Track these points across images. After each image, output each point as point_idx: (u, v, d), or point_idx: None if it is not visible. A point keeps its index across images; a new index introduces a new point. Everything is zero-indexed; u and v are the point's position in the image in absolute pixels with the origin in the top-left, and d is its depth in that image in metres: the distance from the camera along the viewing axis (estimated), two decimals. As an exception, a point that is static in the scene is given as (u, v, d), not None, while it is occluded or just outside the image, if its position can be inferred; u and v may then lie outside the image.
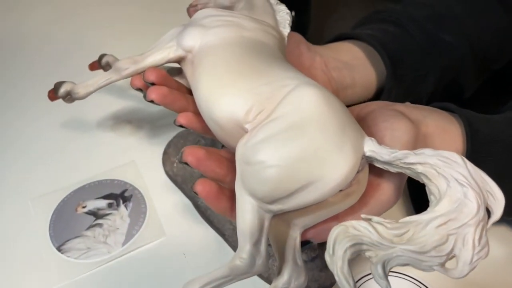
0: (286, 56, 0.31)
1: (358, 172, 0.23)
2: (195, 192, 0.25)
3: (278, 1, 0.36)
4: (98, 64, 0.38)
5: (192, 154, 0.25)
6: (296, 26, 0.36)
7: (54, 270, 0.32)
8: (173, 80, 0.31)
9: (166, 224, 0.35)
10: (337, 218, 0.24)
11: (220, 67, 0.27)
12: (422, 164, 0.22)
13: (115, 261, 0.33)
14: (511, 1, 0.41)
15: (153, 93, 0.29)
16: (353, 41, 0.39)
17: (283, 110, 0.23)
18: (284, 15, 0.34)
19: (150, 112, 0.44)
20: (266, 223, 0.23)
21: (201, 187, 0.25)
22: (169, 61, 0.31)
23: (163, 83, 0.30)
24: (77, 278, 0.32)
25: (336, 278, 0.21)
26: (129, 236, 0.34)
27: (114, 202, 0.36)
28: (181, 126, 0.29)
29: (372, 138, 0.23)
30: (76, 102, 0.33)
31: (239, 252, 0.23)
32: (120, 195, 0.37)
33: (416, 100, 0.39)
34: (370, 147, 0.23)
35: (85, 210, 0.36)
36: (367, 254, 0.21)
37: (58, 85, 0.33)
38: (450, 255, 0.20)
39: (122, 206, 0.36)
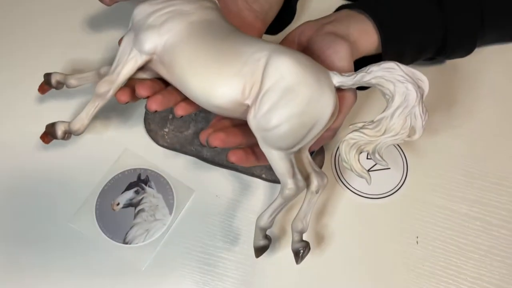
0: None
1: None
2: (231, 162, 0.34)
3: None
4: (47, 85, 0.40)
5: (217, 139, 0.33)
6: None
7: (134, 258, 0.41)
8: (154, 83, 0.36)
9: (188, 182, 0.44)
10: (328, 129, 0.35)
11: (196, 62, 0.33)
12: (374, 78, 0.32)
13: (172, 228, 0.42)
14: None
15: (153, 104, 0.34)
16: None
17: (271, 81, 0.31)
18: None
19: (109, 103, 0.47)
20: (293, 160, 0.33)
21: (234, 157, 0.34)
22: (138, 68, 0.35)
23: (153, 92, 0.34)
24: (154, 254, 0.41)
25: (356, 174, 0.32)
26: (169, 205, 0.42)
27: (138, 188, 0.43)
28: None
29: (334, 72, 0.33)
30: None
31: (285, 185, 0.33)
32: (139, 180, 0.43)
33: None
34: (337, 80, 0.33)
35: (121, 206, 0.42)
36: (365, 149, 0.32)
37: (51, 130, 0.36)
38: (411, 128, 0.32)
39: (147, 188, 0.43)
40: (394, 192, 0.43)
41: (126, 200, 0.43)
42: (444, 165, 0.45)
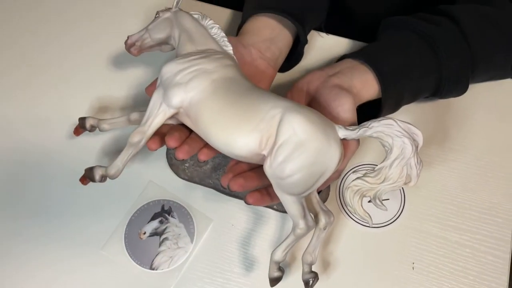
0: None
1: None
2: (248, 203, 0.38)
3: (201, 14, 0.44)
4: (82, 129, 0.45)
5: (237, 184, 0.38)
6: None
7: (160, 283, 0.45)
8: (181, 133, 0.40)
9: (207, 212, 0.48)
10: (334, 172, 0.39)
11: (219, 117, 0.37)
12: (375, 132, 0.36)
13: (193, 255, 0.47)
14: None
15: (180, 154, 0.39)
16: (261, 15, 0.48)
17: (284, 136, 0.36)
18: (216, 31, 0.43)
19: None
20: (304, 203, 0.38)
21: (252, 200, 0.38)
22: (166, 119, 0.40)
23: (180, 142, 0.39)
24: (177, 279, 0.46)
25: (358, 217, 0.37)
26: (190, 234, 0.47)
27: (162, 218, 0.48)
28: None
29: (340, 126, 0.37)
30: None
31: (297, 225, 0.38)
32: (162, 211, 0.48)
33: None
34: (342, 133, 0.37)
35: (147, 234, 0.47)
36: (367, 195, 0.37)
37: (90, 175, 0.41)
38: (407, 176, 0.36)
39: (170, 218, 0.48)
40: (393, 221, 0.48)
41: (152, 229, 0.47)
42: (438, 196, 0.49)
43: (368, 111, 0.45)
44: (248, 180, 0.39)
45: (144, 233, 0.47)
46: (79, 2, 0.60)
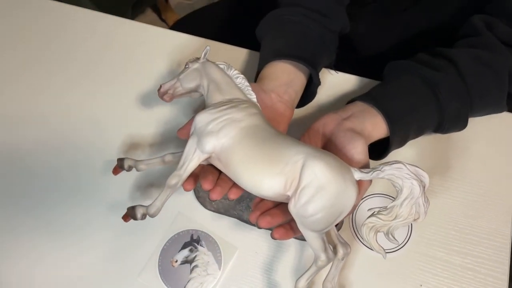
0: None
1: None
2: (274, 238, 0.43)
3: (227, 64, 0.49)
4: (120, 168, 0.50)
5: (265, 221, 0.43)
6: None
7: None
8: (214, 175, 0.45)
9: (232, 241, 0.53)
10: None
11: (248, 162, 0.42)
12: (386, 175, 0.41)
13: (221, 281, 0.51)
14: None
15: (214, 195, 0.44)
16: (278, 61, 0.53)
17: (307, 180, 0.41)
18: (241, 81, 0.48)
19: (161, 172, 0.56)
20: (325, 238, 0.43)
21: (278, 235, 0.43)
22: (199, 163, 0.45)
23: (213, 184, 0.44)
24: (207, 302, 0.51)
25: (374, 251, 0.42)
26: (218, 261, 0.52)
27: (192, 247, 0.53)
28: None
29: (355, 168, 0.42)
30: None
31: (318, 258, 0.42)
32: (192, 240, 0.53)
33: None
34: (357, 175, 0.42)
35: (179, 262, 0.52)
36: (381, 230, 0.42)
37: (132, 213, 0.45)
38: (416, 213, 0.41)
39: (199, 246, 0.53)
40: (401, 247, 0.53)
41: (183, 257, 0.52)
42: (442, 223, 0.54)
43: (377, 146, 0.50)
44: (274, 217, 0.43)
45: (176, 261, 0.52)
46: (109, 45, 0.65)
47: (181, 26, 1.03)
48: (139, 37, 0.66)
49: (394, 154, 0.51)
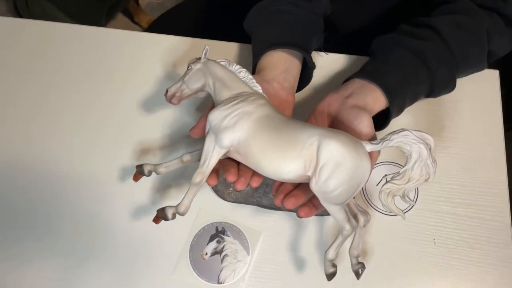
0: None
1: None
2: (300, 217, 0.46)
3: (227, 61, 0.51)
4: (140, 175, 0.52)
5: (290, 203, 0.45)
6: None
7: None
8: (235, 168, 0.47)
9: (255, 226, 0.56)
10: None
11: (266, 150, 0.45)
12: (395, 143, 0.45)
13: (252, 265, 0.54)
14: None
15: (239, 185, 0.46)
16: (273, 51, 0.56)
17: (324, 159, 0.44)
18: (244, 75, 0.50)
19: (179, 173, 0.58)
20: (347, 209, 0.46)
21: (303, 213, 0.46)
22: (219, 159, 0.47)
23: (236, 175, 0.46)
24: (244, 287, 0.53)
25: (393, 214, 0.46)
26: (246, 247, 0.55)
27: (219, 238, 0.55)
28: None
29: (366, 142, 0.45)
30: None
31: (343, 228, 0.46)
32: (217, 232, 0.56)
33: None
34: (369, 148, 0.45)
35: (209, 255, 0.54)
36: (397, 194, 0.45)
37: (163, 215, 0.47)
38: (426, 174, 0.45)
39: (225, 237, 0.55)
40: (411, 207, 0.57)
41: (212, 249, 0.55)
42: (444, 179, 0.59)
43: (378, 117, 0.53)
44: (297, 198, 0.46)
45: (206, 253, 0.55)
46: (100, 57, 0.66)
47: (157, 27, 1.03)
48: (128, 45, 0.67)
49: (394, 122, 0.55)
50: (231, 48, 0.67)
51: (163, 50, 0.66)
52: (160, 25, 1.03)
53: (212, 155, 0.46)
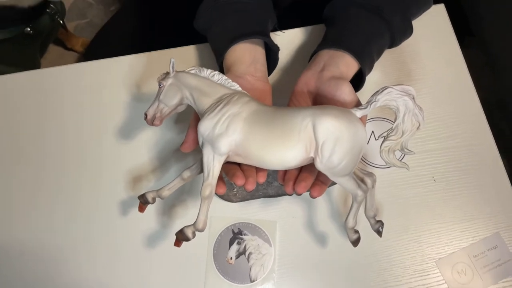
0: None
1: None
2: (313, 197, 0.48)
3: (197, 68, 0.50)
4: (145, 204, 0.51)
5: (302, 187, 0.47)
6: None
7: (267, 286, 0.55)
8: (240, 171, 0.48)
9: (268, 217, 0.57)
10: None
11: (265, 144, 0.45)
12: (381, 102, 0.46)
13: (277, 254, 0.55)
14: None
15: (249, 186, 0.46)
16: (235, 45, 0.55)
17: (322, 136, 0.45)
18: (218, 77, 0.50)
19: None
20: (354, 176, 0.47)
21: (316, 193, 0.48)
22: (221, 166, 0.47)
23: (243, 177, 0.47)
24: (276, 277, 0.55)
25: (398, 167, 0.47)
26: (266, 240, 0.56)
27: (238, 240, 0.56)
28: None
29: (354, 109, 0.47)
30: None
31: (356, 193, 0.47)
32: (234, 234, 0.56)
33: None
34: (359, 114, 0.47)
35: (234, 258, 0.55)
36: (396, 149, 0.47)
37: (183, 237, 0.47)
38: (416, 123, 0.47)
39: (244, 236, 0.56)
40: (403, 156, 0.60)
41: (235, 252, 0.55)
42: (425, 119, 0.61)
43: (352, 80, 0.55)
44: (306, 181, 0.47)
45: (231, 258, 0.55)
46: (58, 98, 0.63)
47: (96, 48, 0.99)
48: (81, 78, 0.65)
49: (367, 82, 0.57)
50: (185, 52, 0.65)
51: (120, 73, 0.64)
52: (99, 45, 0.99)
53: (214, 165, 0.46)
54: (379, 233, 0.50)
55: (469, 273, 0.55)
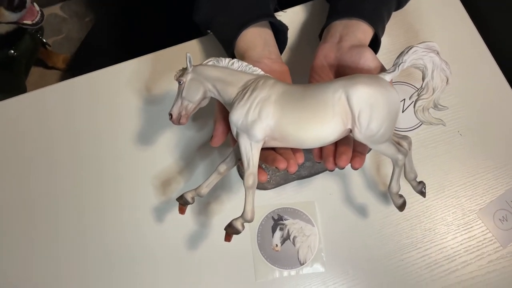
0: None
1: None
2: (355, 169, 0.47)
3: (214, 59, 0.49)
4: (185, 205, 0.50)
5: (344, 161, 0.46)
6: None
7: (317, 266, 0.54)
8: (278, 155, 0.47)
9: (305, 198, 0.56)
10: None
11: (301, 124, 0.45)
12: (409, 62, 0.46)
13: (322, 233, 0.55)
14: None
15: (292, 168, 0.45)
16: (243, 32, 0.54)
17: (358, 106, 0.44)
18: (238, 64, 0.49)
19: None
20: (393, 141, 0.47)
21: (357, 165, 0.47)
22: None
23: (285, 161, 0.46)
24: (325, 256, 0.54)
25: (435, 124, 0.47)
26: (308, 221, 0.55)
27: (280, 225, 0.55)
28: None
29: (382, 73, 0.46)
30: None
31: (397, 159, 0.47)
32: (275, 221, 0.55)
33: None
34: (388, 78, 0.46)
35: (279, 245, 0.54)
36: (429, 106, 0.47)
37: (233, 230, 0.46)
38: (445, 78, 0.47)
39: (285, 221, 0.55)
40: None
41: (279, 238, 0.55)
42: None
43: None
44: (346, 154, 0.47)
45: (276, 245, 0.55)
46: (82, 109, 0.61)
47: (80, 61, 0.97)
48: (94, 89, 0.62)
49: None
50: (194, 45, 0.64)
51: (125, 79, 0.62)
52: (81, 60, 0.97)
53: (252, 153, 0.45)
54: (423, 193, 0.50)
55: (510, 218, 0.56)
